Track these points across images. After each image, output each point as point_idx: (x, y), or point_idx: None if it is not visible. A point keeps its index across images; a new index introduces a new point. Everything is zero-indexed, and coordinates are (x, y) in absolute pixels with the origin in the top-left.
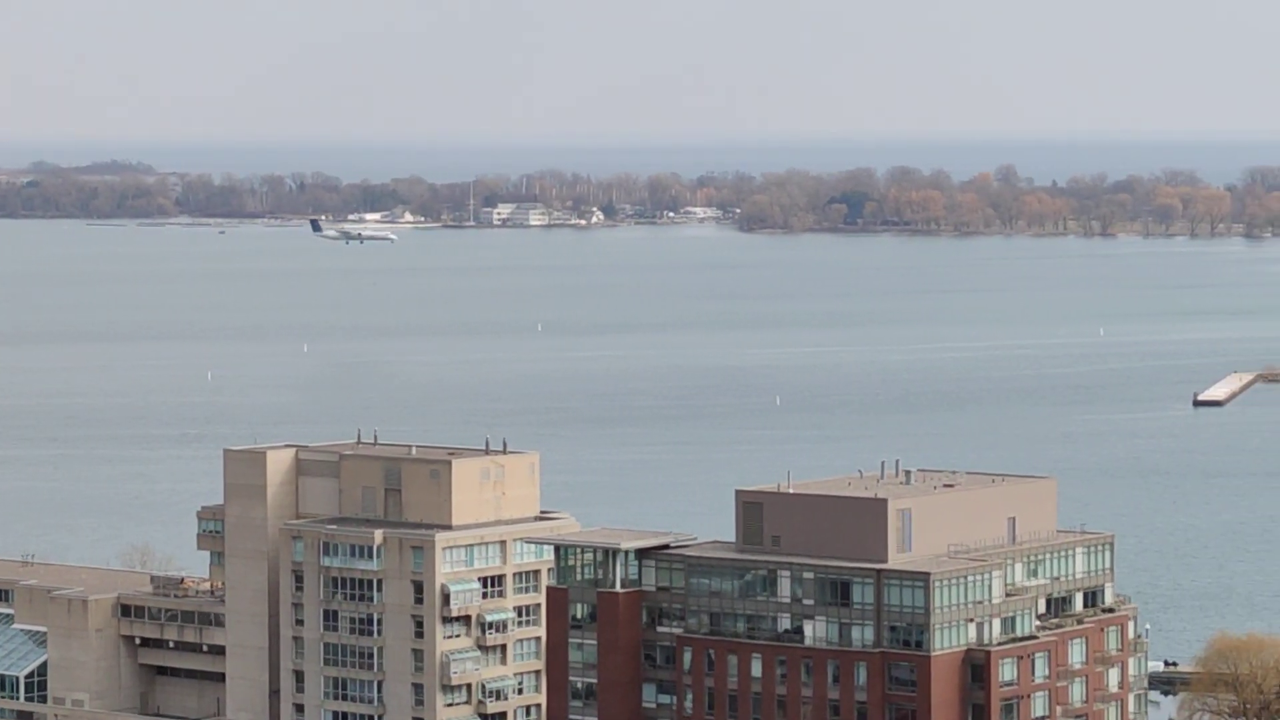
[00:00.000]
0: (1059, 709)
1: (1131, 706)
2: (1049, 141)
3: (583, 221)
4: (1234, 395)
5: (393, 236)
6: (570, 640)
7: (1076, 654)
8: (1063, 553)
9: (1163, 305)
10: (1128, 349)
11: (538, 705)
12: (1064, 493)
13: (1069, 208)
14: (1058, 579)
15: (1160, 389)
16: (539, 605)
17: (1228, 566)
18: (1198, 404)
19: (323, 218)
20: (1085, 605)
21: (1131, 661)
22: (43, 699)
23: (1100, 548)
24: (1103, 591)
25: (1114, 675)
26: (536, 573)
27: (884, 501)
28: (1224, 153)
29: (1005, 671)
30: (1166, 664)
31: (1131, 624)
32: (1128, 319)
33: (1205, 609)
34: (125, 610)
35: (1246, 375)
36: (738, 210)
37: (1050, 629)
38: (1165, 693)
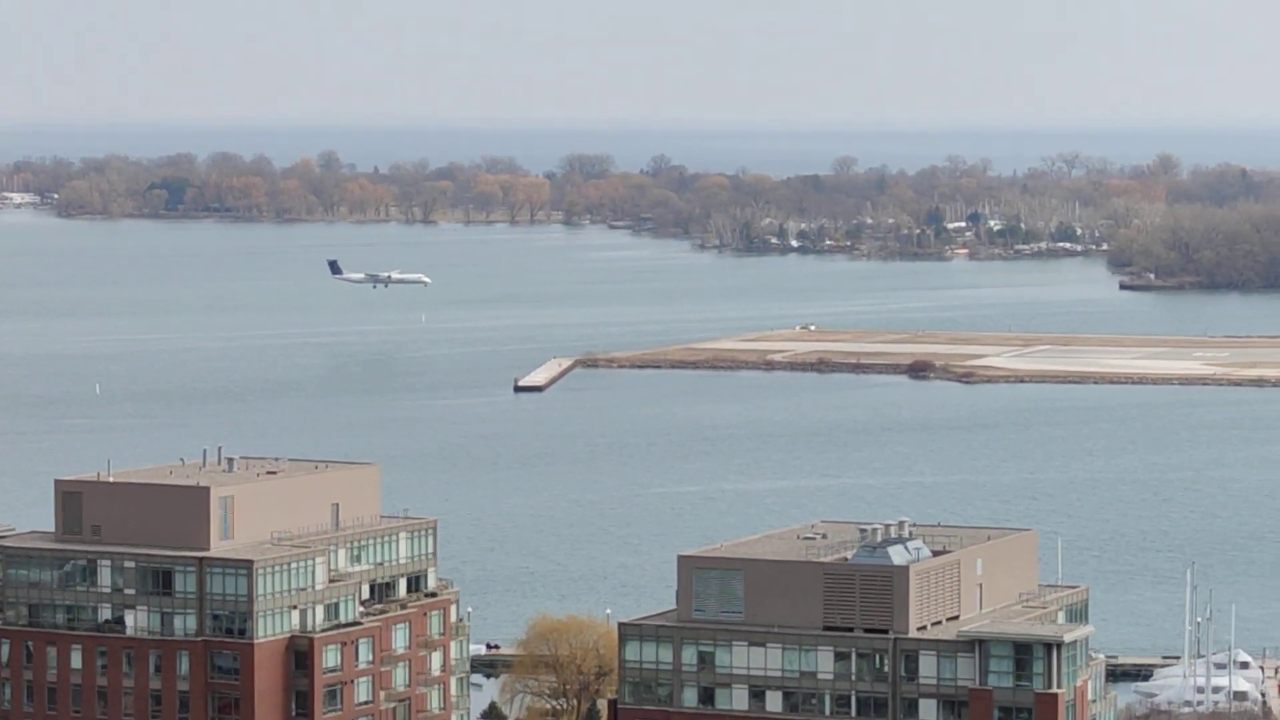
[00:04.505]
0: (382, 694)
1: (454, 689)
2: (372, 128)
3: None
4: (554, 380)
5: (426, 280)
6: None
7: (400, 639)
8: (386, 538)
9: (484, 292)
10: (450, 335)
11: None
12: (386, 479)
13: (391, 194)
14: (381, 564)
15: (482, 375)
16: None
17: (543, 550)
18: (518, 389)
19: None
20: (409, 590)
21: (454, 645)
22: None
23: (423, 533)
24: (426, 576)
25: (437, 659)
26: None
27: (206, 489)
28: (543, 141)
29: (329, 658)
30: (489, 646)
31: (454, 608)
32: (449, 306)
33: (524, 592)
34: None
35: (565, 361)
36: (55, 196)
37: (374, 615)
38: (487, 675)
